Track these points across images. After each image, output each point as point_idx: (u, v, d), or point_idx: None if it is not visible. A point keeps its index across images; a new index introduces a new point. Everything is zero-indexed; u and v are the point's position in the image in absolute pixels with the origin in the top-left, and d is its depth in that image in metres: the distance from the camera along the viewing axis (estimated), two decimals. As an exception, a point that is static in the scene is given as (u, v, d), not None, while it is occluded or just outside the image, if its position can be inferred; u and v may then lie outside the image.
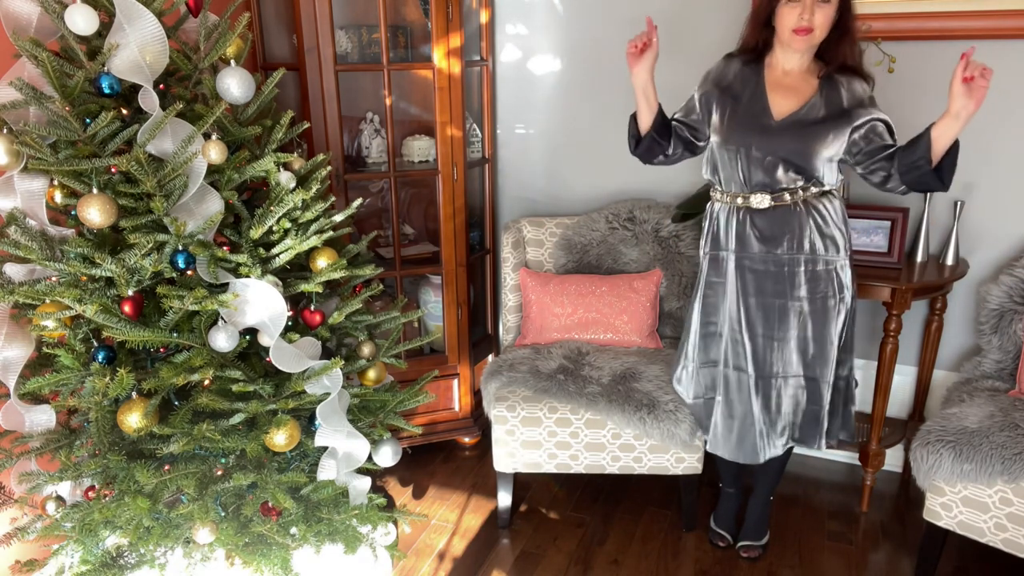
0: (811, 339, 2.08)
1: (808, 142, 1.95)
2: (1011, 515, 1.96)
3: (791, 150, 1.96)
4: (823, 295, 2.05)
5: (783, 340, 2.08)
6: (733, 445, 2.19)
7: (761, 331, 2.10)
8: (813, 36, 1.90)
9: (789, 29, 1.90)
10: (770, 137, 1.97)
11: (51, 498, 1.69)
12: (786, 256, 2.04)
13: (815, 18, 1.87)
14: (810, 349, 2.09)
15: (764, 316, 2.09)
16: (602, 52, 2.85)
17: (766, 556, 2.38)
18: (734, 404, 2.16)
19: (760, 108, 2.00)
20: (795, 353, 2.09)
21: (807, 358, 2.10)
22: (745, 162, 2.01)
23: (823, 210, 2.02)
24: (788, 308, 2.07)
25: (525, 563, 2.37)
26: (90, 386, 1.53)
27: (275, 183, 1.67)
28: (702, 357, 2.21)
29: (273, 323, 1.59)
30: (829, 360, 2.09)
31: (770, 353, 2.10)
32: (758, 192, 2.02)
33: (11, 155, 1.46)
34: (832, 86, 1.98)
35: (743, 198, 2.05)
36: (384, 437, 1.93)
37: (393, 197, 2.70)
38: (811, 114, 1.97)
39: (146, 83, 1.51)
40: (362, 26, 2.62)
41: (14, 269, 1.59)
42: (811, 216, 2.02)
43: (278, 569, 1.71)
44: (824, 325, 2.07)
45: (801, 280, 2.05)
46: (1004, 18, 2.27)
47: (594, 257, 2.77)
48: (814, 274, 2.04)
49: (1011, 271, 2.34)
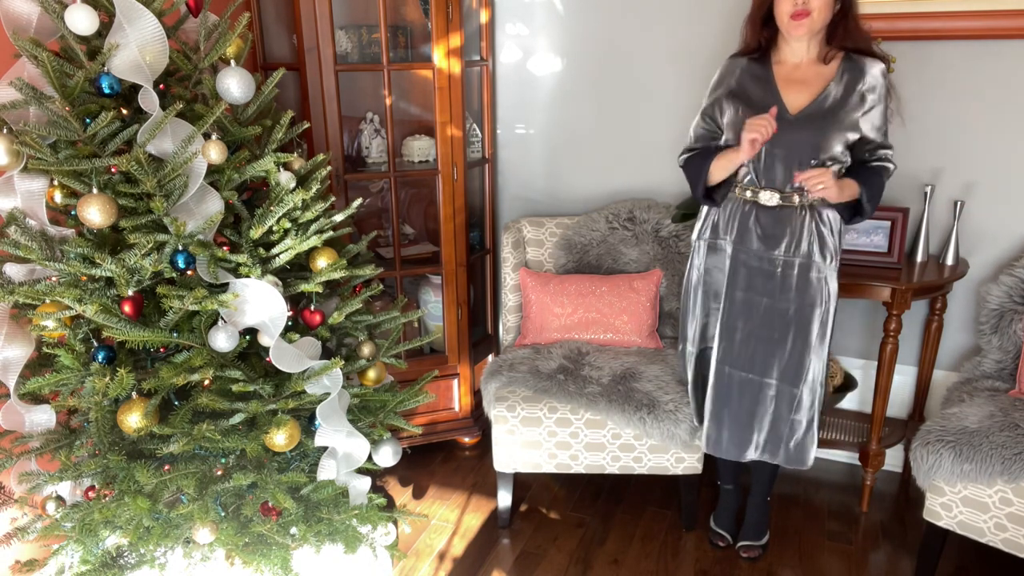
0: (791, 345, 2.07)
1: (826, 132, 1.95)
2: (1011, 515, 1.96)
3: (810, 142, 1.96)
4: (811, 302, 2.04)
5: (764, 340, 2.08)
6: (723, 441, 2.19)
7: (741, 326, 2.10)
8: (812, 21, 1.89)
9: (787, 16, 1.90)
10: (786, 131, 1.96)
11: (51, 498, 1.69)
12: (782, 258, 2.03)
13: (811, 2, 1.87)
14: (787, 355, 2.08)
15: (748, 312, 2.08)
16: (602, 52, 2.85)
17: (766, 556, 2.38)
18: (722, 399, 2.16)
19: (774, 102, 1.98)
20: (773, 356, 2.08)
21: (783, 363, 2.08)
22: (760, 157, 2.00)
23: (825, 217, 2.02)
24: (774, 309, 2.06)
25: (525, 563, 2.37)
26: (90, 386, 1.53)
27: (275, 183, 1.67)
28: (699, 343, 2.22)
29: (273, 323, 1.59)
30: (804, 368, 2.08)
31: (747, 350, 2.10)
32: (769, 189, 2.02)
33: (11, 155, 1.46)
34: (852, 69, 1.97)
35: (752, 192, 2.04)
36: (384, 437, 1.93)
37: (393, 197, 2.70)
38: (826, 103, 1.96)
39: (146, 83, 1.51)
40: (362, 26, 2.62)
41: (14, 269, 1.59)
42: (814, 221, 2.01)
43: (278, 569, 1.71)
44: (806, 333, 2.06)
45: (792, 284, 2.04)
46: (1004, 18, 2.27)
47: (594, 257, 2.77)
48: (806, 280, 2.03)
49: (1011, 271, 2.34)
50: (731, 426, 2.17)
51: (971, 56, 2.39)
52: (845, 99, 1.96)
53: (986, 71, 2.39)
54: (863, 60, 1.97)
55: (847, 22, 1.94)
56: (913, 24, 2.37)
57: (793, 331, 2.06)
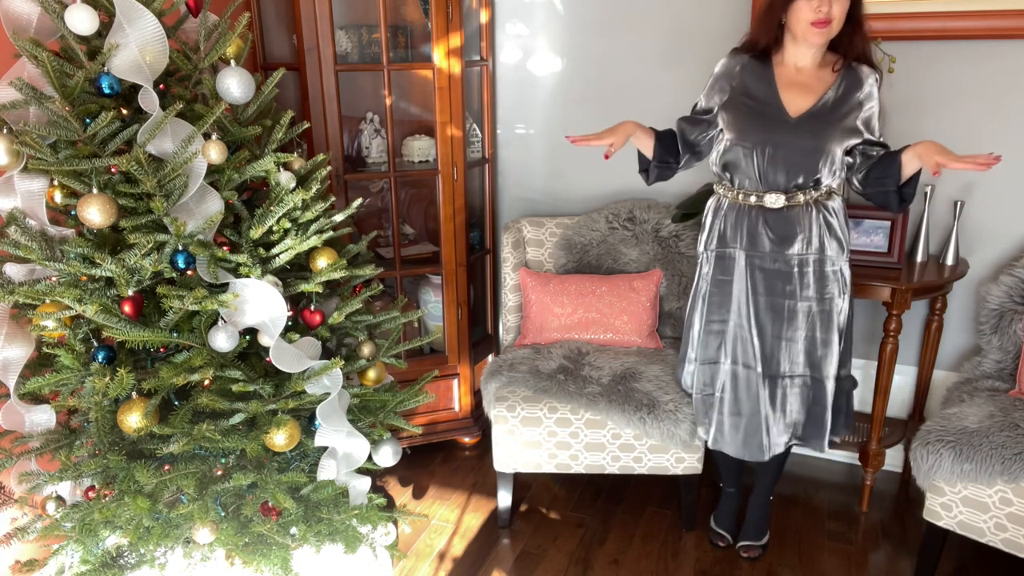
0: (819, 339, 2.09)
1: (825, 137, 1.96)
2: (1011, 515, 1.96)
3: (809, 147, 1.96)
4: (831, 295, 2.06)
5: (791, 340, 2.08)
6: (740, 443, 2.18)
7: (770, 330, 2.10)
8: (831, 29, 1.89)
9: (807, 23, 1.89)
10: (788, 135, 1.97)
11: (51, 498, 1.69)
12: (797, 256, 2.04)
13: (833, 9, 1.86)
14: (817, 349, 2.09)
15: (773, 315, 2.08)
16: (602, 52, 2.85)
17: (766, 556, 2.38)
18: (742, 401, 2.15)
19: (775, 107, 2.00)
20: (802, 353, 2.10)
21: (814, 358, 2.10)
22: (762, 160, 2.00)
23: (831, 210, 2.04)
24: (797, 308, 2.07)
25: (525, 563, 2.37)
26: (90, 386, 1.53)
27: (275, 183, 1.67)
28: (703, 355, 2.20)
29: (273, 323, 1.59)
30: (833, 360, 2.10)
31: (778, 352, 2.10)
32: (773, 192, 2.02)
33: (11, 155, 1.46)
34: (852, 77, 1.98)
35: (756, 196, 2.04)
36: (384, 437, 1.93)
37: (393, 197, 2.70)
38: (826, 109, 1.97)
39: (146, 83, 1.51)
40: (362, 26, 2.62)
41: (14, 269, 1.59)
42: (821, 215, 2.02)
43: (278, 569, 1.71)
44: (830, 325, 2.08)
45: (810, 280, 2.05)
46: (1004, 18, 2.27)
47: (594, 257, 2.77)
48: (823, 274, 2.05)
49: (1011, 271, 2.34)
50: (747, 428, 2.16)
51: (971, 56, 2.39)
52: (843, 105, 1.97)
53: (986, 71, 2.39)
54: (861, 68, 1.99)
55: (857, 30, 1.95)
56: (913, 24, 2.37)
57: (820, 325, 2.07)
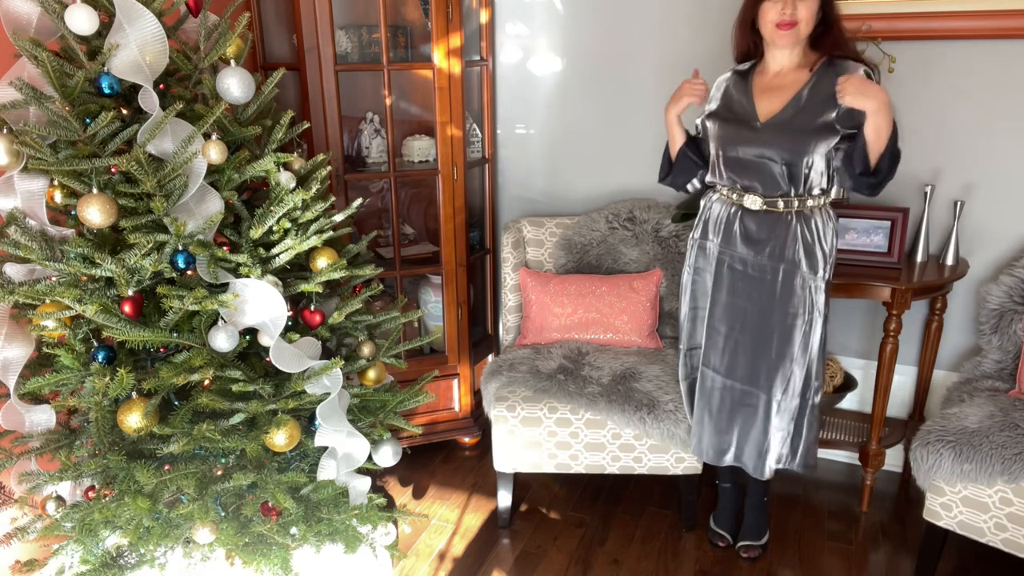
0: (774, 353, 2.06)
1: (795, 139, 1.93)
2: (1011, 515, 1.96)
3: (781, 149, 1.95)
4: (793, 312, 2.03)
5: (747, 347, 2.09)
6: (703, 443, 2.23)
7: (724, 331, 2.11)
8: (798, 30, 1.89)
9: (772, 24, 1.89)
10: (756, 139, 1.97)
11: (51, 498, 1.69)
12: (766, 262, 2.03)
13: (798, 11, 1.86)
14: (763, 363, 2.07)
15: (731, 318, 2.09)
16: (602, 52, 2.85)
17: (766, 556, 2.38)
18: (704, 401, 2.19)
19: (747, 113, 2.01)
20: (757, 364, 2.08)
21: (757, 371, 2.09)
22: (735, 165, 2.02)
23: (813, 226, 2.00)
24: (758, 315, 2.06)
25: (525, 563, 2.37)
26: (90, 386, 1.53)
27: (275, 183, 1.67)
28: (689, 342, 2.24)
29: (273, 323, 1.59)
30: (780, 381, 2.07)
31: (730, 356, 2.11)
32: (749, 194, 2.03)
33: (11, 155, 1.46)
34: (828, 73, 1.93)
35: (737, 195, 2.06)
36: (384, 437, 1.93)
37: (393, 197, 2.70)
38: (798, 108, 1.94)
39: (146, 83, 1.51)
40: (362, 26, 2.62)
41: (14, 269, 1.59)
42: (800, 228, 2.00)
43: (278, 569, 1.71)
44: (786, 342, 2.05)
45: (776, 290, 2.03)
46: (1004, 18, 2.27)
47: (594, 257, 2.77)
48: (790, 288, 2.02)
49: (1011, 271, 2.34)
50: (710, 429, 2.19)
51: (971, 56, 2.39)
52: (814, 103, 1.93)
53: (987, 71, 2.39)
54: (845, 64, 1.93)
55: (832, 30, 1.93)
56: (914, 24, 2.37)
57: (776, 339, 2.05)
